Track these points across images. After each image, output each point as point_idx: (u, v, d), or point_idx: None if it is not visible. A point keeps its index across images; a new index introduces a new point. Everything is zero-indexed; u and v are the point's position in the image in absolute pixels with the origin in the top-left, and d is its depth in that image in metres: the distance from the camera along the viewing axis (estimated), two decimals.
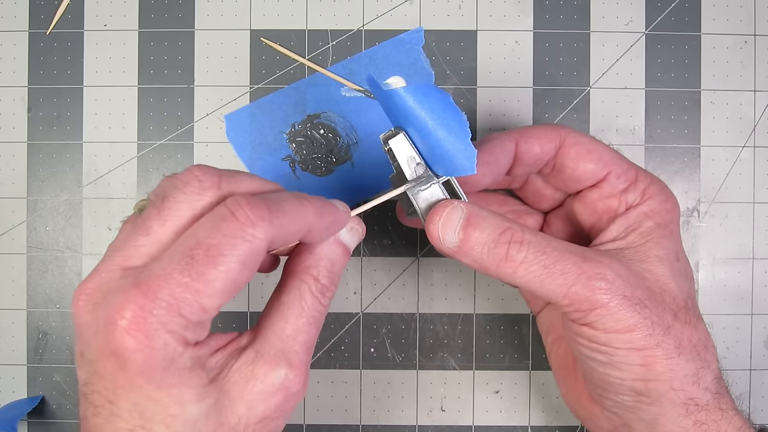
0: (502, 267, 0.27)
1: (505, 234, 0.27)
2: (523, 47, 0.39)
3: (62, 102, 0.38)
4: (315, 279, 0.26)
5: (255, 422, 0.24)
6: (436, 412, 0.39)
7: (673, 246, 0.29)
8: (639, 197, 0.29)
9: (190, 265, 0.22)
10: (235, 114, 0.38)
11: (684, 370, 0.26)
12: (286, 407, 0.25)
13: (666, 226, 0.29)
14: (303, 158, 0.38)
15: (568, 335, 0.29)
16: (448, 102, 0.27)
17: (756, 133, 0.38)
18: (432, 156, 0.28)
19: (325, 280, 0.27)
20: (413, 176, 0.29)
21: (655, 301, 0.27)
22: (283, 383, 0.24)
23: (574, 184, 0.31)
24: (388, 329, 0.39)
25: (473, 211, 0.28)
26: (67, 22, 0.38)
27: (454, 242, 0.28)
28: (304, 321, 0.26)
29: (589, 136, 0.31)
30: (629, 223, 0.29)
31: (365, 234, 0.29)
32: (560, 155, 0.30)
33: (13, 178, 0.39)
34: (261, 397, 0.24)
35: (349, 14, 0.38)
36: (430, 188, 0.29)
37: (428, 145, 0.28)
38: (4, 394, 0.38)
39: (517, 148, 0.30)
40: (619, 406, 0.28)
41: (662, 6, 0.38)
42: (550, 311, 0.34)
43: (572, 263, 0.26)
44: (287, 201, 0.25)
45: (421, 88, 0.27)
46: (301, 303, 0.26)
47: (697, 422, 0.27)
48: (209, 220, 0.23)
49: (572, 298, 0.26)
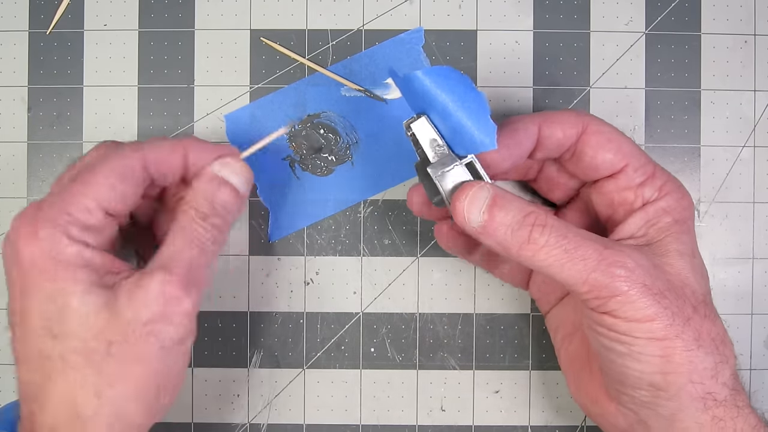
0: (524, 249, 0.27)
1: (529, 217, 0.27)
2: (523, 47, 0.39)
3: (62, 102, 0.38)
4: (193, 208, 0.29)
5: (141, 325, 0.26)
6: (436, 412, 0.39)
7: (691, 243, 0.29)
8: (656, 193, 0.30)
9: (74, 178, 0.27)
10: (235, 114, 0.38)
11: (703, 363, 0.26)
12: (168, 312, 0.26)
13: (684, 223, 0.29)
14: (303, 158, 0.38)
15: (586, 325, 0.29)
16: (467, 83, 0.28)
17: (756, 133, 0.38)
18: (453, 137, 0.29)
19: (204, 208, 0.29)
20: (435, 158, 0.29)
21: (674, 293, 0.27)
22: (161, 288, 0.26)
23: (592, 172, 0.31)
24: (388, 329, 0.39)
25: (499, 193, 0.28)
26: (67, 22, 0.38)
27: (479, 221, 0.28)
28: (181, 240, 0.28)
29: (612, 126, 0.31)
30: (649, 217, 0.29)
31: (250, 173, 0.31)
32: (581, 142, 0.30)
33: (13, 178, 0.39)
34: (144, 302, 0.26)
35: (349, 14, 0.38)
36: (454, 171, 0.29)
37: (449, 127, 0.28)
38: (4, 394, 0.38)
39: (540, 132, 0.30)
40: (636, 401, 0.28)
41: (662, 6, 0.38)
42: (561, 308, 0.34)
43: (593, 249, 0.26)
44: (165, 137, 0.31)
45: (441, 70, 0.28)
46: (180, 226, 0.28)
47: (715, 418, 0.27)
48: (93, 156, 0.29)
49: (592, 284, 0.26)
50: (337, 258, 0.38)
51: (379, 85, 0.38)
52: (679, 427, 0.27)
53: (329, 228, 0.38)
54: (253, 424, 0.38)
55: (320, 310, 0.38)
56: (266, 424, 0.38)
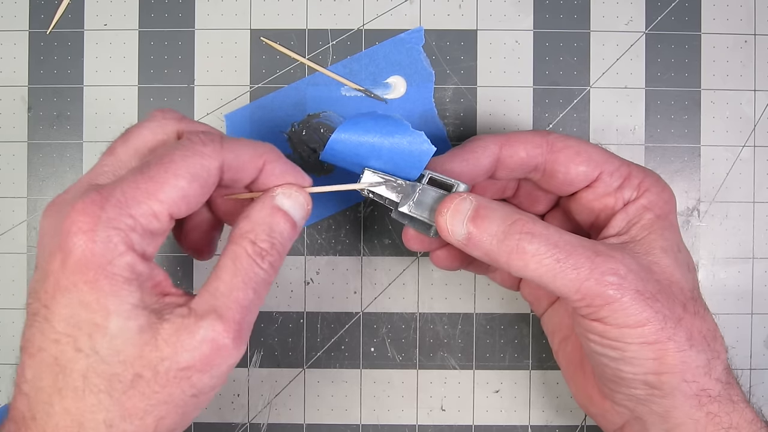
0: (513, 259, 0.27)
1: (515, 224, 0.27)
2: (523, 47, 0.39)
3: (62, 101, 0.38)
4: (251, 242, 0.26)
5: (177, 368, 0.23)
6: (436, 411, 0.39)
7: (675, 237, 0.29)
8: (635, 192, 0.29)
9: (143, 171, 0.24)
10: (235, 113, 0.38)
11: (696, 362, 0.26)
12: (212, 361, 0.24)
13: (666, 218, 0.29)
14: (303, 158, 0.38)
15: (578, 332, 0.29)
16: (376, 116, 0.28)
17: (756, 133, 0.38)
18: (398, 167, 0.29)
19: (264, 244, 0.26)
20: (399, 196, 0.29)
21: (665, 294, 0.27)
22: (210, 335, 0.24)
23: (567, 187, 0.31)
24: (388, 329, 0.39)
25: (482, 203, 0.28)
26: (68, 22, 0.38)
27: (463, 234, 0.28)
28: (239, 280, 0.25)
29: (577, 138, 0.30)
30: (630, 217, 0.29)
31: (311, 207, 0.28)
32: (550, 161, 0.30)
33: (14, 177, 0.39)
34: (187, 346, 0.23)
35: (349, 14, 0.38)
36: (424, 194, 0.29)
37: (388, 161, 0.29)
38: (4, 394, 0.38)
39: (501, 151, 0.30)
40: (631, 399, 0.28)
41: (662, 5, 0.38)
42: (554, 312, 0.34)
43: (585, 258, 0.26)
44: (244, 139, 0.27)
45: (348, 123, 0.28)
46: (235, 263, 0.25)
47: (710, 414, 0.27)
48: (166, 145, 0.25)
49: (585, 293, 0.26)
50: (337, 258, 0.38)
51: (379, 85, 0.38)
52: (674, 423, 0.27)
53: (329, 228, 0.38)
54: (253, 423, 0.38)
55: (320, 309, 0.38)
56: (266, 424, 0.38)
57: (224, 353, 0.24)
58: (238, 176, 0.26)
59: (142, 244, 0.24)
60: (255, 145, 0.27)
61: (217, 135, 0.26)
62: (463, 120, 0.38)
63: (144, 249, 0.24)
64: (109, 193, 0.23)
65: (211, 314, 0.24)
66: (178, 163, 0.24)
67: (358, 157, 0.29)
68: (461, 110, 0.38)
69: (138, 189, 0.23)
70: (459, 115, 0.38)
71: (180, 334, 0.23)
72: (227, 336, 0.24)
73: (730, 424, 0.27)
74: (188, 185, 0.24)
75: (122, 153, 0.26)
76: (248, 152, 0.26)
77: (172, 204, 0.24)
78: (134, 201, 0.23)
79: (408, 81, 0.38)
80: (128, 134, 0.26)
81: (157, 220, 0.24)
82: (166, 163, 0.24)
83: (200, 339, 0.23)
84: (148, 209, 0.23)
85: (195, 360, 0.23)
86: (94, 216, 0.23)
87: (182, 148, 0.24)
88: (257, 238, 0.26)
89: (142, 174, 0.24)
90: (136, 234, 0.23)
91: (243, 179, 0.27)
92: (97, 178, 0.25)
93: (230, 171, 0.26)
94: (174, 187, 0.24)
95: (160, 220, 0.24)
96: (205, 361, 0.24)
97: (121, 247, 0.23)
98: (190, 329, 0.23)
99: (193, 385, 0.24)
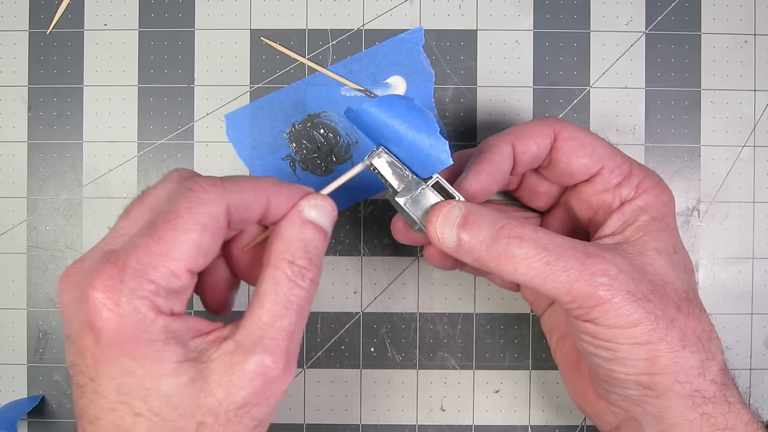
0: (503, 264, 0.27)
1: (503, 229, 0.27)
2: (523, 47, 0.39)
3: (62, 101, 0.38)
4: (290, 262, 0.26)
5: (236, 408, 0.24)
6: (436, 411, 0.39)
7: (671, 238, 0.29)
8: (633, 191, 0.29)
9: (152, 233, 0.23)
10: (235, 113, 0.38)
11: (689, 363, 0.26)
12: (267, 393, 0.24)
13: (662, 219, 0.29)
14: (303, 158, 0.38)
15: (572, 332, 0.29)
16: (411, 105, 0.28)
17: (756, 133, 0.38)
18: (411, 161, 0.29)
19: (302, 261, 0.26)
20: (402, 186, 0.29)
21: (658, 295, 0.27)
22: (261, 369, 0.24)
23: (567, 178, 0.31)
24: (388, 329, 0.39)
25: (471, 210, 0.28)
26: (67, 22, 0.38)
27: (453, 241, 0.28)
28: (281, 306, 0.25)
29: (585, 130, 0.30)
30: (625, 218, 0.29)
31: (336, 212, 0.28)
32: (554, 150, 0.30)
33: (14, 177, 0.39)
34: (240, 384, 0.24)
35: (349, 14, 0.38)
36: (424, 195, 0.29)
37: (405, 151, 0.28)
38: (4, 393, 0.38)
39: (514, 150, 0.30)
40: (625, 399, 0.28)
41: (662, 5, 0.38)
42: (553, 311, 0.34)
43: (575, 259, 0.26)
44: (243, 177, 0.27)
45: (385, 99, 0.28)
46: (276, 289, 0.25)
47: (704, 415, 0.27)
48: (169, 197, 0.25)
49: (575, 294, 0.26)
50: (337, 258, 0.38)
51: (379, 85, 0.38)
52: (669, 424, 0.27)
53: None
54: None
55: (320, 309, 0.38)
56: None
57: (277, 383, 0.24)
58: (245, 216, 0.26)
59: (168, 305, 0.23)
60: (256, 181, 0.27)
61: (216, 178, 0.25)
62: (463, 120, 0.38)
63: (171, 308, 0.24)
64: (125, 264, 0.23)
65: (257, 347, 0.24)
66: (184, 217, 0.24)
67: (380, 135, 0.29)
68: (461, 110, 0.38)
69: (151, 253, 0.23)
70: (459, 115, 0.38)
71: (230, 373, 0.24)
72: (277, 367, 0.24)
73: (726, 426, 0.27)
74: (199, 237, 0.24)
75: (138, 214, 0.25)
76: (251, 190, 0.26)
77: (189, 259, 0.24)
78: (150, 266, 0.23)
79: (408, 81, 0.38)
80: (144, 196, 0.26)
81: (177, 278, 0.23)
82: (173, 219, 0.24)
83: (252, 375, 0.24)
84: (166, 270, 0.23)
85: (250, 396, 0.24)
86: (116, 291, 0.22)
87: (185, 200, 0.24)
88: (294, 257, 0.26)
89: (151, 236, 0.23)
90: (160, 298, 0.23)
91: (251, 218, 0.27)
92: (111, 243, 0.25)
93: (237, 212, 0.25)
94: (185, 242, 0.23)
95: (180, 278, 0.24)
96: (260, 395, 0.24)
97: (150, 314, 0.23)
98: (239, 366, 0.24)
99: (253, 417, 0.24)
